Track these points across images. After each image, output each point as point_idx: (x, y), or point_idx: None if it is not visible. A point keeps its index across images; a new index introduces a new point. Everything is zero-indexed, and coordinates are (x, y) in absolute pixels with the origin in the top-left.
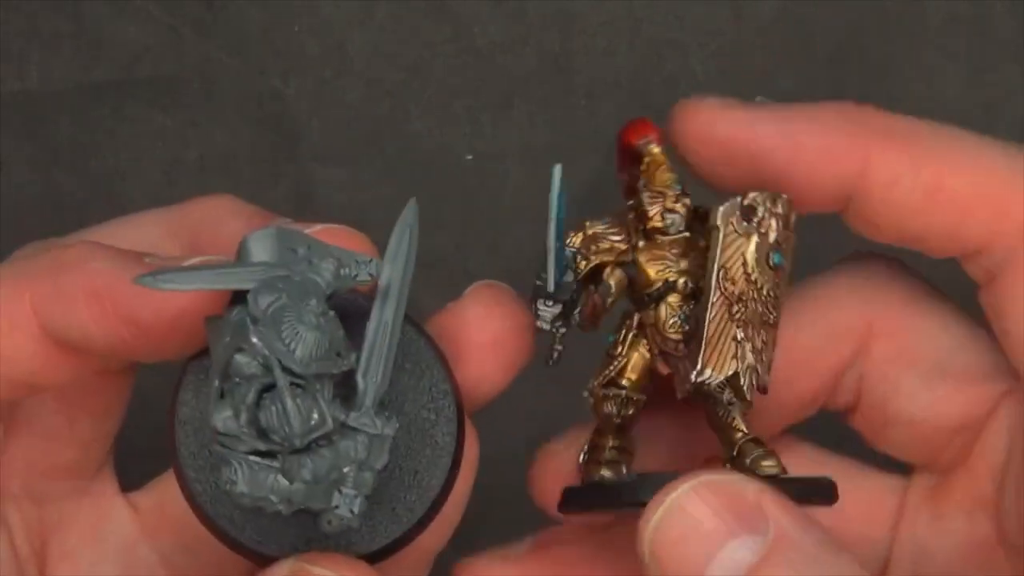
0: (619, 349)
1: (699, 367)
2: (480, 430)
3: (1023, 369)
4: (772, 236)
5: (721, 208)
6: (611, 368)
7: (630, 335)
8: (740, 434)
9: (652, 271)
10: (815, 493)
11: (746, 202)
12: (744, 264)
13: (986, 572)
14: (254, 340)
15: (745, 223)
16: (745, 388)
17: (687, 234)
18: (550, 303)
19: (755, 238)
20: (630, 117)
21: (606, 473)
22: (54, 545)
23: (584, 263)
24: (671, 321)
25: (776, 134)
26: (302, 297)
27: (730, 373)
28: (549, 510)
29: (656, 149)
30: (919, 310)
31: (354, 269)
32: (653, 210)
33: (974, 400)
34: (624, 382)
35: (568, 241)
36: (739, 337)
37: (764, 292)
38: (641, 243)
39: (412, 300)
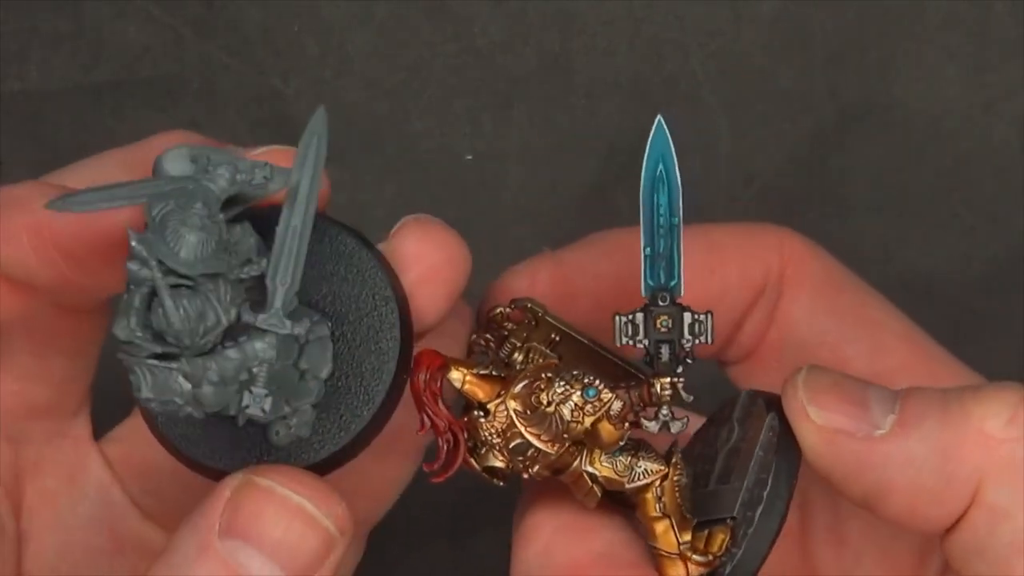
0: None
1: None
2: None
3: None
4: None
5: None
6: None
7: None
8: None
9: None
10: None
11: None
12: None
13: None
14: (132, 244)
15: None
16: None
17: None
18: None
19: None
20: (630, 117)
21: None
22: (31, 487)
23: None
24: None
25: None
26: (188, 202)
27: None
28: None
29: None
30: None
31: (248, 173)
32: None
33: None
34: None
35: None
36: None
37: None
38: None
39: None
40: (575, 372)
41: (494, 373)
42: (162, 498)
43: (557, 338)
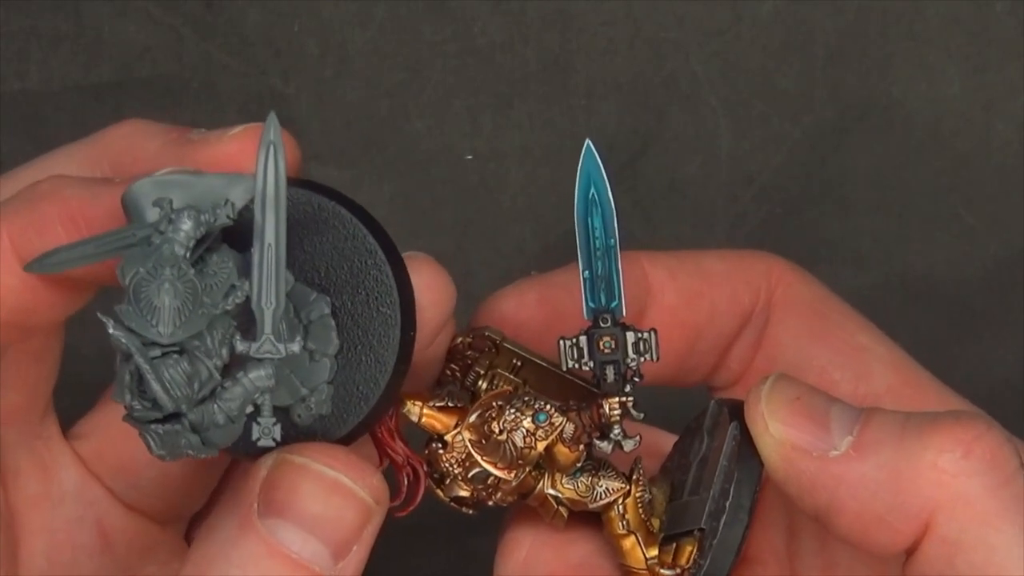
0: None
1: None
2: None
3: None
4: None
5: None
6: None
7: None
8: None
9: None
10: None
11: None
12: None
13: None
14: (110, 331)
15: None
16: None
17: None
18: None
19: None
20: (630, 117)
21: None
22: (17, 493)
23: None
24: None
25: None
26: (156, 268)
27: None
28: None
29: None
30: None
31: (212, 215)
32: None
33: None
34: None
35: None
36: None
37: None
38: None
39: None
40: (526, 398)
41: (450, 404)
42: (143, 489)
43: (519, 363)
